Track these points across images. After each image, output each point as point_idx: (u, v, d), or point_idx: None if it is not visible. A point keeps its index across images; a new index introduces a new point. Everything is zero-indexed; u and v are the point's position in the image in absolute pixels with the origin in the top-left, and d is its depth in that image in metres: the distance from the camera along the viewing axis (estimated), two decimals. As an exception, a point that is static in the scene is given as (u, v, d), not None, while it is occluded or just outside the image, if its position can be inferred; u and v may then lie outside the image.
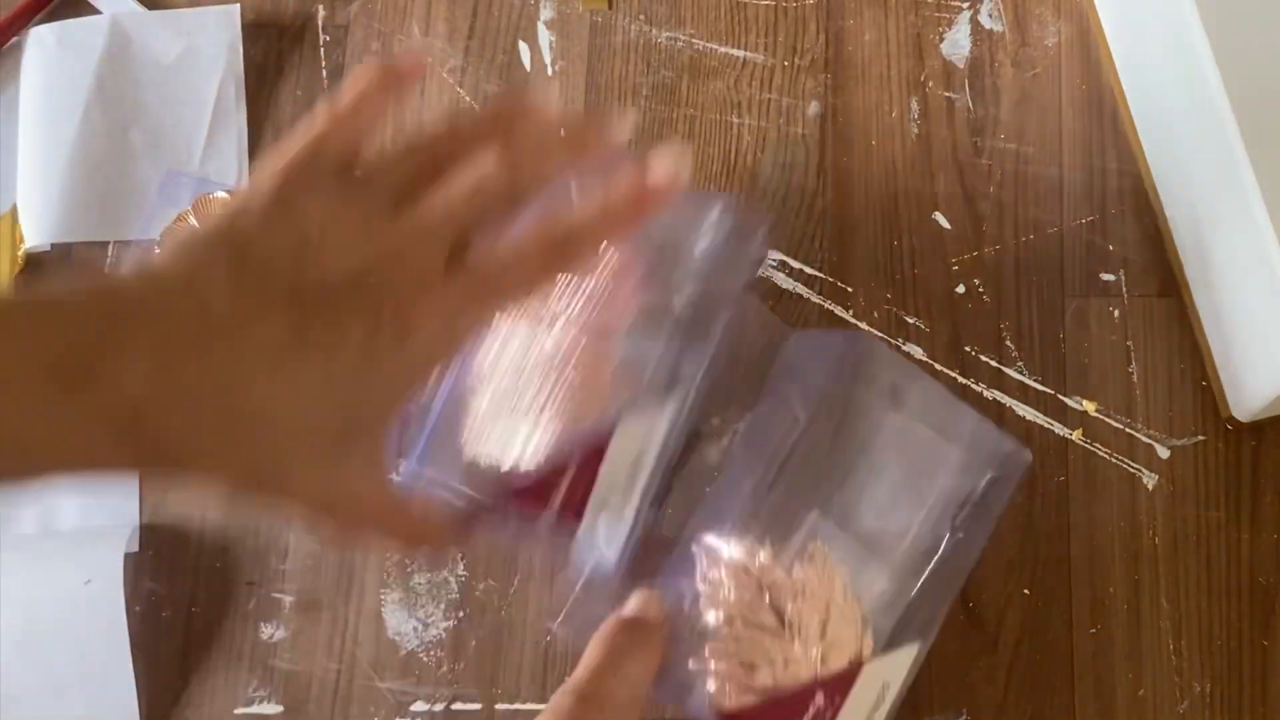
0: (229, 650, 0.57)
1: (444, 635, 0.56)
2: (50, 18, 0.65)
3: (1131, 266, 0.59)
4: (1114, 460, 0.56)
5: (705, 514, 0.50)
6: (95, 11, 0.65)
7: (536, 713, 0.47)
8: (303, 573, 0.57)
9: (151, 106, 0.64)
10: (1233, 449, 0.56)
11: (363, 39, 0.65)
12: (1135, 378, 0.57)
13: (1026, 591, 0.55)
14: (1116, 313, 0.58)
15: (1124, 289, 0.59)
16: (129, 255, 0.62)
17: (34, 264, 0.62)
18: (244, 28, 0.65)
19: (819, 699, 0.45)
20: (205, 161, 0.63)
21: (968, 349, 0.58)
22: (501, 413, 0.49)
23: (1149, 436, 0.57)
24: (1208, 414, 0.57)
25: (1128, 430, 0.57)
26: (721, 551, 0.48)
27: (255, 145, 0.64)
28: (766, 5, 0.63)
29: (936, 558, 0.48)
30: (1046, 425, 0.57)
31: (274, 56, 0.65)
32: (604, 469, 0.48)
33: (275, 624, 0.57)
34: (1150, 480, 0.56)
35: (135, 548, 0.58)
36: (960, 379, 0.58)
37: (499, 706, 0.55)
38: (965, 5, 0.59)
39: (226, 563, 0.58)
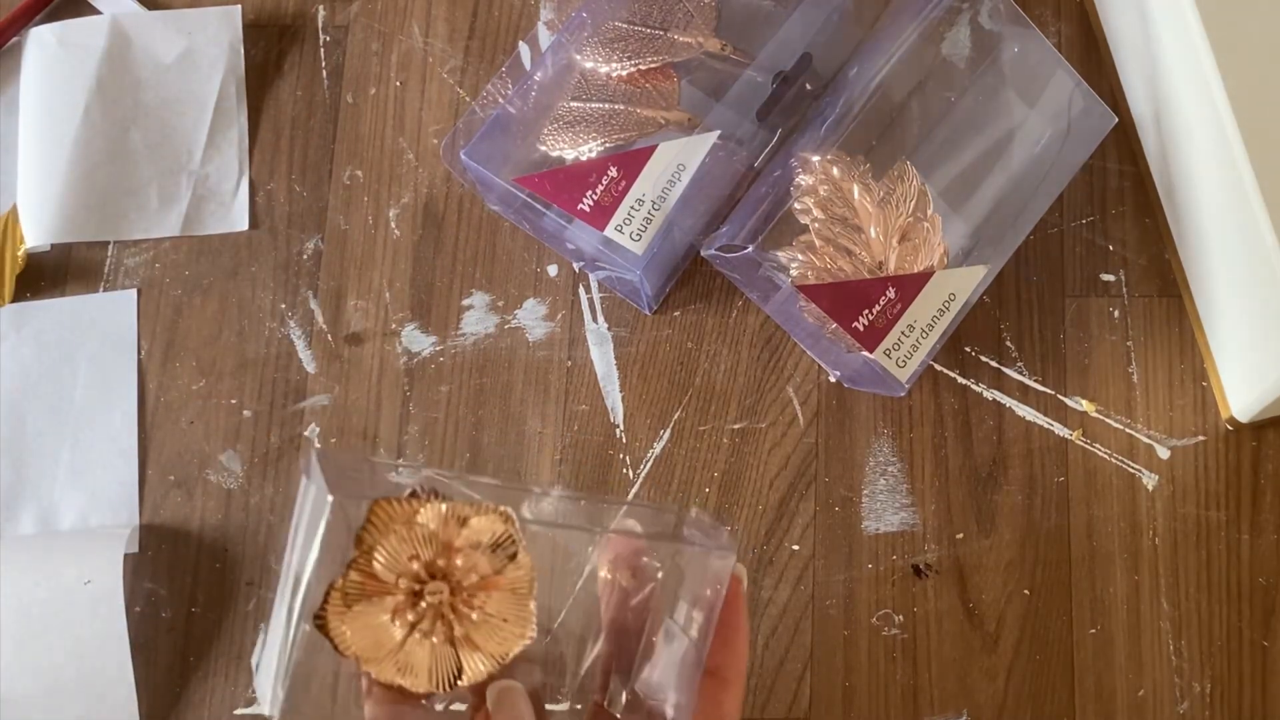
0: (229, 650, 0.57)
1: (444, 635, 0.56)
2: (50, 18, 0.65)
3: (1131, 266, 0.59)
4: (1114, 460, 0.57)
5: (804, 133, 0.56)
6: (95, 11, 0.65)
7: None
8: (301, 572, 0.57)
9: (151, 106, 0.64)
10: (1233, 449, 0.56)
11: (363, 39, 0.65)
12: (1135, 378, 0.57)
13: (1026, 591, 0.55)
14: (1116, 313, 0.58)
15: (1124, 289, 0.59)
16: (128, 256, 0.62)
17: (34, 264, 0.62)
18: (244, 28, 0.65)
19: (891, 292, 0.52)
20: (205, 161, 0.63)
21: (968, 349, 0.58)
22: (561, 121, 0.57)
23: (1149, 437, 0.57)
24: (1208, 414, 0.57)
25: (1128, 430, 0.57)
26: (815, 159, 0.54)
27: (255, 145, 0.64)
28: None
29: (1004, 193, 0.55)
30: (1046, 425, 0.57)
31: (274, 56, 0.65)
32: (643, 173, 0.54)
33: (275, 624, 0.57)
34: (1150, 480, 0.56)
35: (135, 548, 0.58)
36: (960, 379, 0.58)
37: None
38: (965, 5, 0.59)
39: (226, 563, 0.58)
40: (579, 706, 0.36)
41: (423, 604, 0.33)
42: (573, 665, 0.36)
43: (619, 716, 0.35)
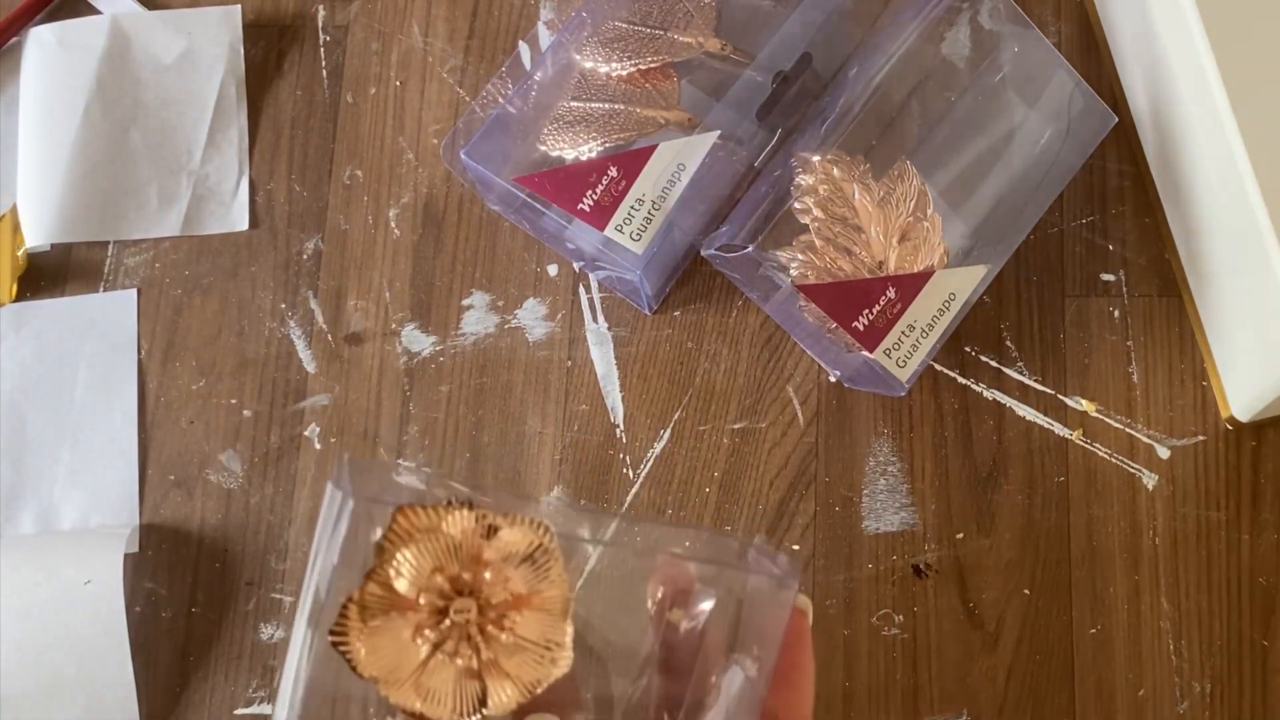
0: (229, 651, 0.57)
1: (444, 635, 0.56)
2: (50, 18, 0.65)
3: (1131, 266, 0.59)
4: (1114, 460, 0.57)
5: (804, 132, 0.56)
6: (95, 11, 0.65)
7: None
8: (302, 573, 0.57)
9: (151, 106, 0.64)
10: (1233, 449, 0.56)
11: (363, 39, 0.65)
12: (1135, 378, 0.57)
13: (1026, 591, 0.55)
14: (1116, 313, 0.58)
15: (1124, 289, 0.59)
16: (128, 256, 0.62)
17: (34, 264, 0.62)
18: (244, 28, 0.65)
19: (891, 292, 0.52)
20: (205, 161, 0.63)
21: (968, 349, 0.58)
22: (561, 121, 0.57)
23: (1149, 436, 0.57)
24: (1208, 414, 0.57)
25: (1128, 430, 0.57)
26: (815, 159, 0.54)
27: (255, 145, 0.64)
28: None
29: (1004, 193, 0.55)
30: (1046, 425, 0.57)
31: (274, 56, 0.65)
32: (643, 173, 0.54)
33: (275, 624, 0.57)
34: (1150, 480, 0.56)
35: (135, 548, 0.58)
36: (960, 379, 0.58)
37: None
38: (965, 5, 0.59)
39: (226, 563, 0.58)
40: None
41: (447, 622, 0.30)
42: (619, 701, 0.33)
43: None
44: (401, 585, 0.30)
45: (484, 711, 0.30)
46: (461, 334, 0.60)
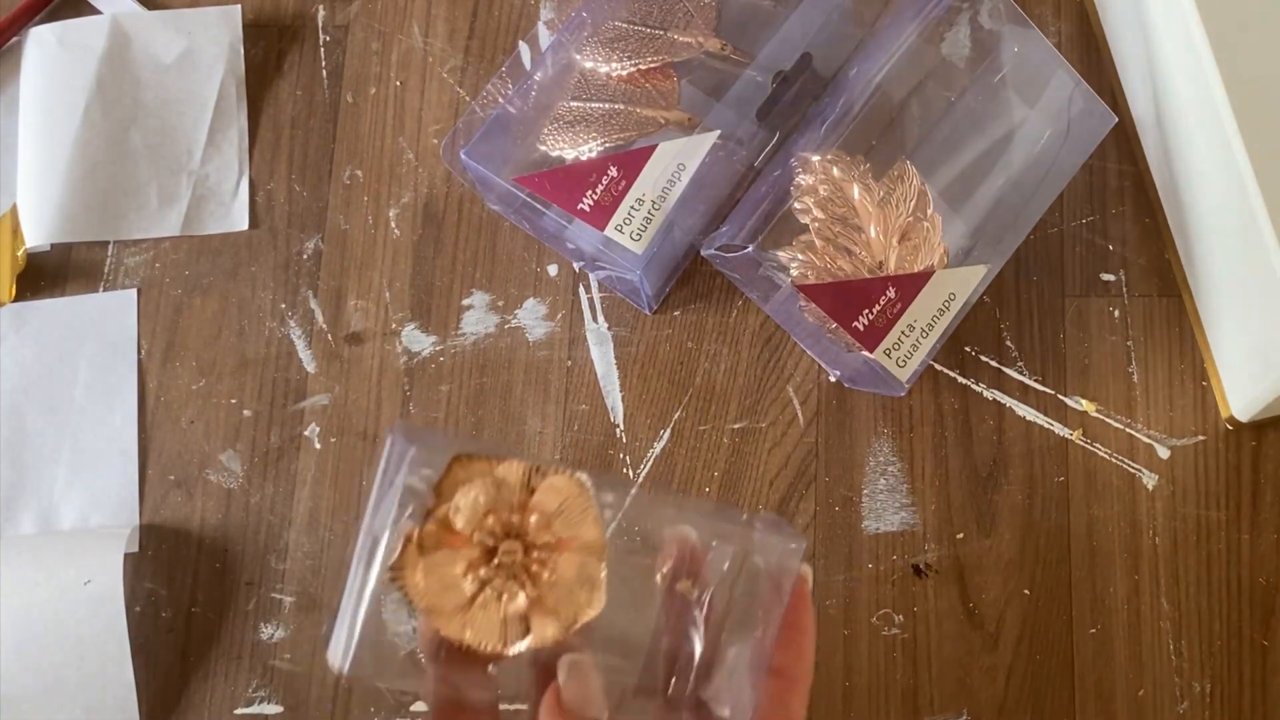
0: (229, 651, 0.57)
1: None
2: (50, 18, 0.65)
3: (1131, 266, 0.59)
4: (1114, 460, 0.57)
5: (805, 132, 0.56)
6: (95, 11, 0.65)
7: None
8: (302, 573, 0.57)
9: (151, 106, 0.64)
10: (1233, 449, 0.56)
11: (363, 39, 0.65)
12: (1135, 378, 0.57)
13: (1026, 591, 0.55)
14: (1116, 313, 0.58)
15: (1124, 289, 0.59)
16: (128, 256, 0.62)
17: (34, 264, 0.62)
18: (244, 28, 0.65)
19: (891, 292, 0.52)
20: (205, 161, 0.63)
21: (968, 349, 0.58)
22: (561, 121, 0.57)
23: (1149, 436, 0.57)
24: (1208, 414, 0.57)
25: (1128, 430, 0.57)
26: (815, 159, 0.54)
27: (255, 145, 0.64)
28: None
29: (1004, 193, 0.55)
30: (1046, 425, 0.57)
31: (274, 56, 0.65)
32: (643, 173, 0.54)
33: (275, 624, 0.57)
34: (1150, 480, 0.56)
35: (135, 548, 0.58)
36: (960, 379, 0.58)
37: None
38: (965, 5, 0.59)
39: (226, 563, 0.58)
40: (643, 702, 0.35)
41: (495, 561, 0.33)
42: (634, 660, 0.36)
43: (682, 716, 0.35)
44: (459, 522, 0.33)
45: (526, 643, 0.33)
46: (461, 334, 0.60)
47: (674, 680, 0.35)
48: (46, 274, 0.62)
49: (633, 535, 0.36)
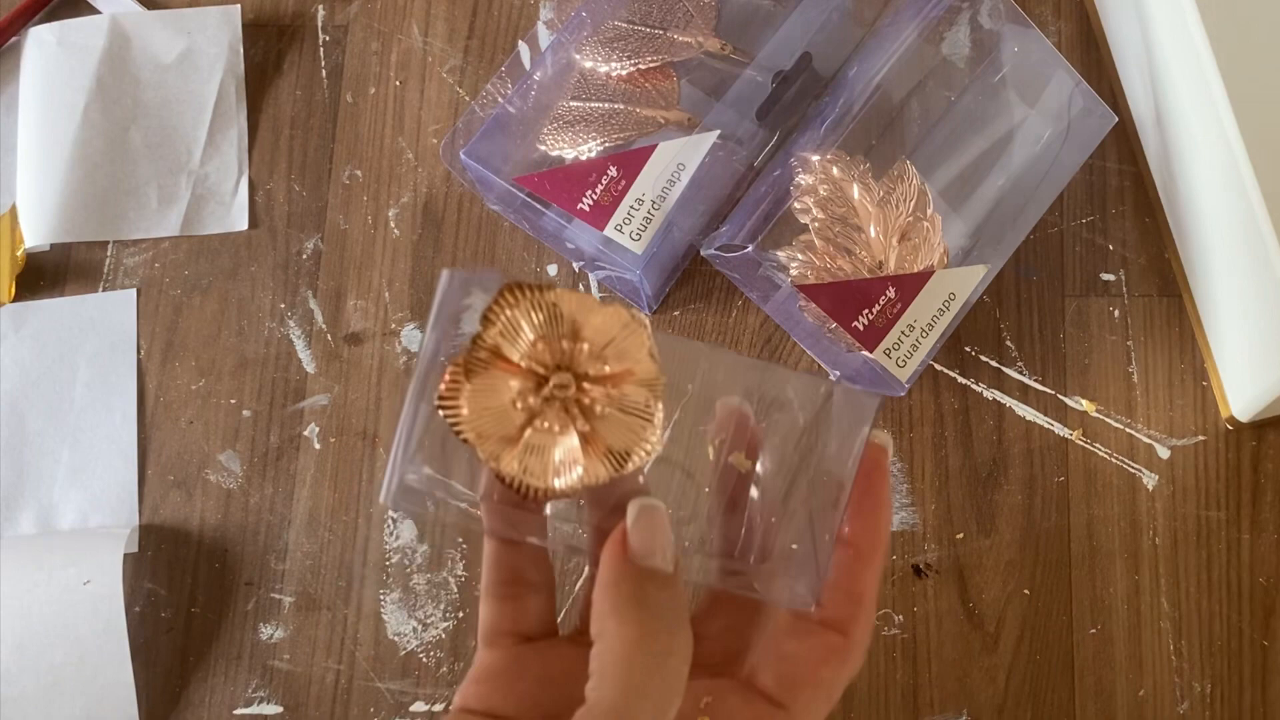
0: (228, 651, 0.57)
1: (443, 635, 0.56)
2: (50, 18, 0.65)
3: (1131, 266, 0.59)
4: (1114, 460, 0.56)
5: (804, 132, 0.56)
6: (95, 11, 0.65)
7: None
8: (302, 573, 0.57)
9: (151, 106, 0.64)
10: (1233, 449, 0.56)
11: (363, 39, 0.65)
12: (1135, 378, 0.57)
13: (1026, 592, 0.55)
14: (1116, 313, 0.58)
15: (1124, 289, 0.59)
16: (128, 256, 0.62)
17: (34, 264, 0.62)
18: (244, 28, 0.65)
19: (891, 292, 0.52)
20: (205, 161, 0.63)
21: (968, 349, 0.58)
22: (561, 121, 0.56)
23: (1149, 436, 0.57)
24: (1208, 414, 0.57)
25: (1128, 430, 0.57)
26: (814, 159, 0.54)
27: (255, 145, 0.64)
28: None
29: (1004, 193, 0.55)
30: (1046, 425, 0.57)
31: (274, 56, 0.65)
32: (643, 172, 0.54)
33: (274, 624, 0.57)
34: (1150, 480, 0.56)
35: (134, 548, 0.58)
36: (960, 379, 0.58)
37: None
38: (965, 4, 0.59)
39: (226, 563, 0.58)
40: (704, 562, 0.34)
41: (546, 392, 0.31)
42: (692, 526, 0.34)
43: (750, 584, 0.33)
44: (506, 347, 0.31)
45: (577, 479, 0.31)
46: (461, 334, 0.60)
47: (735, 552, 0.33)
48: (46, 274, 0.62)
49: (687, 394, 0.34)
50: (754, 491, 0.34)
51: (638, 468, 0.31)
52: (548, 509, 0.33)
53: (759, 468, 0.34)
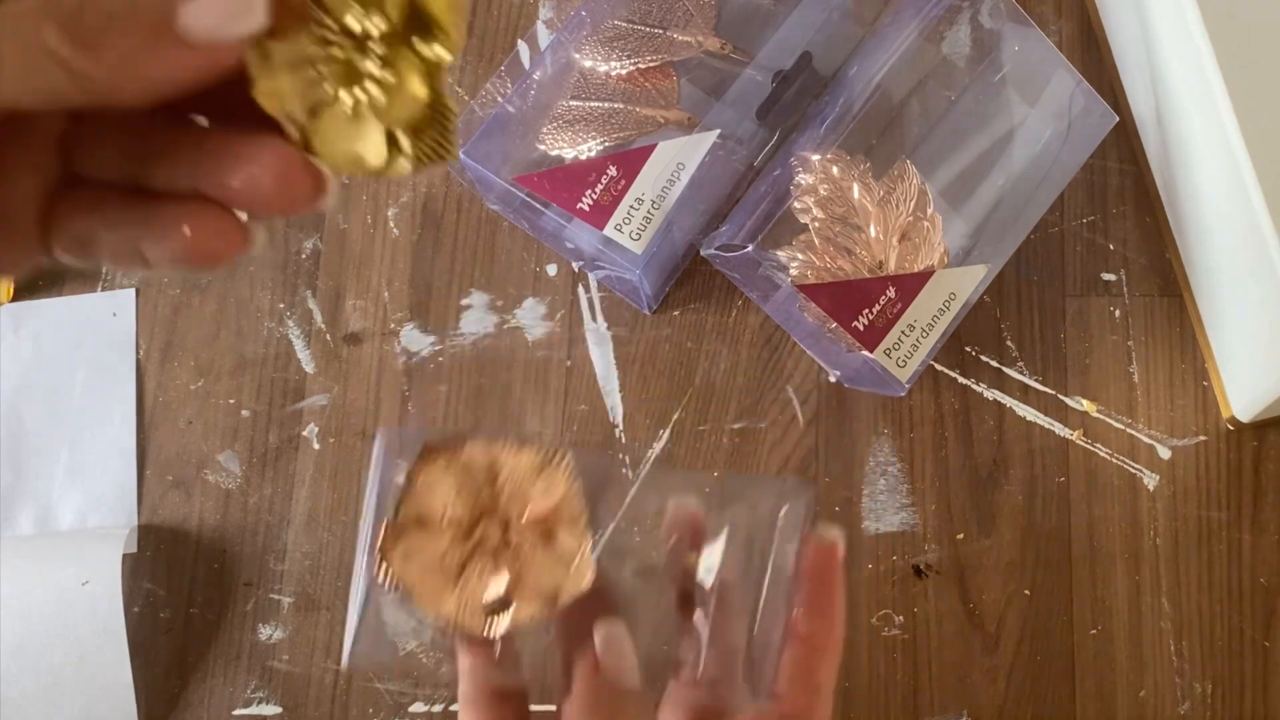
0: (227, 651, 0.57)
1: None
2: None
3: (1132, 266, 0.59)
4: (1115, 460, 0.56)
5: (804, 132, 0.56)
6: None
7: (537, 713, 0.47)
8: (301, 574, 0.57)
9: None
10: (1233, 449, 0.56)
11: (362, 38, 0.65)
12: (1136, 378, 0.57)
13: (1027, 592, 0.55)
14: (1117, 313, 0.58)
15: (1124, 289, 0.59)
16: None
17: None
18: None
19: (891, 292, 0.52)
20: (204, 161, 0.63)
21: (968, 349, 0.58)
22: (561, 120, 0.57)
23: (1150, 437, 0.57)
24: (1208, 414, 0.57)
25: (1128, 430, 0.57)
26: (814, 158, 0.54)
27: (254, 145, 0.64)
28: None
29: (1005, 192, 0.55)
30: (1047, 426, 0.57)
31: (273, 56, 0.65)
32: (643, 172, 0.54)
33: (274, 625, 0.57)
34: (1151, 481, 0.56)
35: (133, 549, 0.57)
36: (960, 379, 0.58)
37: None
38: (965, 4, 0.59)
39: (224, 564, 0.58)
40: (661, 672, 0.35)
41: (473, 541, 0.33)
42: (656, 635, 0.36)
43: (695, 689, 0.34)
44: (430, 505, 0.33)
45: (508, 617, 0.33)
46: (460, 334, 0.60)
47: (688, 657, 0.35)
48: (46, 274, 0.62)
49: (644, 511, 0.36)
50: (708, 590, 0.35)
51: (569, 601, 0.33)
52: (518, 643, 0.35)
53: (712, 569, 0.35)
